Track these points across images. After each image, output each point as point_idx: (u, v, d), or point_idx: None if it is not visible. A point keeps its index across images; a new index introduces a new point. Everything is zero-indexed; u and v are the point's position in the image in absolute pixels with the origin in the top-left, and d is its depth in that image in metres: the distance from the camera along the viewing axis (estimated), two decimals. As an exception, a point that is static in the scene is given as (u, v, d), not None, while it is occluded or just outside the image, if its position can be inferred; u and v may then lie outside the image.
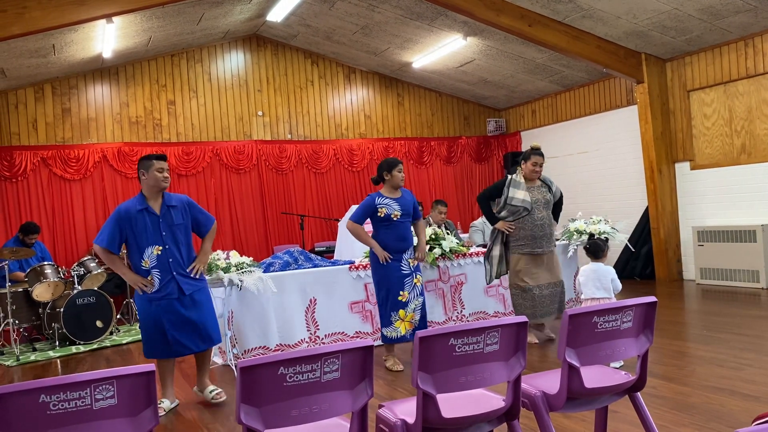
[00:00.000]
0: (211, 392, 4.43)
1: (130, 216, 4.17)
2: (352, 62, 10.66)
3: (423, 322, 5.08)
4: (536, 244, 5.38)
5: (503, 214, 5.46)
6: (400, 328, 4.96)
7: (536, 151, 5.43)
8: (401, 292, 4.93)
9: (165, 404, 4.31)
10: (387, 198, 4.93)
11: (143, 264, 4.18)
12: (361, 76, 10.92)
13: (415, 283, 5.01)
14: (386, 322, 4.98)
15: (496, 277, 5.63)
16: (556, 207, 5.64)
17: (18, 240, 7.49)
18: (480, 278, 6.37)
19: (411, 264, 5.01)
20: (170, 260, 4.21)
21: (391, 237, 4.91)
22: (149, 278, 4.18)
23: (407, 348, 5.63)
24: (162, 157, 4.30)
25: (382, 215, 4.88)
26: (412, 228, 5.19)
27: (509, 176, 5.51)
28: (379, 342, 5.82)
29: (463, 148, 11.56)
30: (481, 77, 10.43)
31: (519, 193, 5.35)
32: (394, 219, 4.89)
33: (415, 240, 5.25)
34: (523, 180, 5.42)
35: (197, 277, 4.32)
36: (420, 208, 5.34)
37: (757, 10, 7.02)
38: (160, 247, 4.19)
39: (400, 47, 9.58)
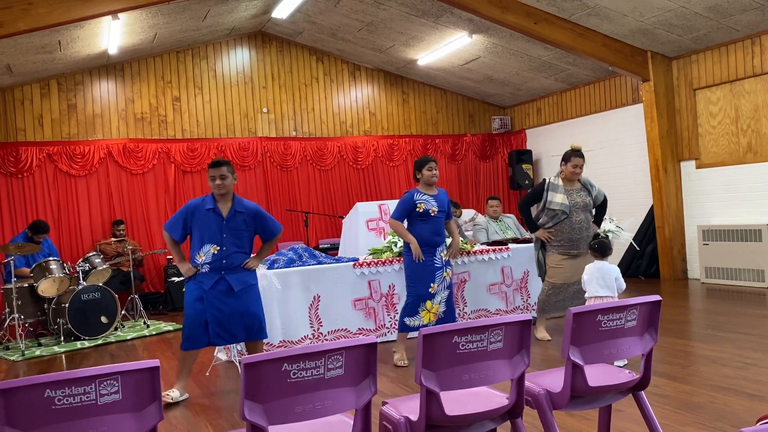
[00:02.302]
0: None
1: (197, 212, 4.42)
2: (357, 59, 10.66)
3: (452, 315, 5.20)
4: (573, 246, 5.36)
5: (542, 219, 5.45)
6: (424, 318, 5.07)
7: (577, 152, 5.36)
8: (431, 284, 5.07)
9: (175, 394, 4.37)
10: (425, 194, 5.10)
11: (198, 257, 4.42)
12: (366, 73, 10.92)
13: (445, 277, 5.17)
14: (412, 312, 5.07)
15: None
16: (600, 209, 5.56)
17: (26, 237, 7.52)
18: (483, 276, 6.37)
19: (443, 258, 5.16)
20: (224, 261, 4.40)
21: (427, 231, 5.07)
22: (198, 269, 4.41)
23: (414, 345, 5.63)
24: (215, 164, 4.43)
25: (421, 210, 5.03)
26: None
27: (547, 180, 5.48)
28: (383, 339, 5.84)
29: (467, 145, 11.54)
30: (486, 75, 10.41)
31: (557, 197, 5.33)
32: (432, 214, 5.06)
33: (449, 240, 5.39)
34: (561, 183, 5.39)
35: (248, 269, 4.50)
36: (454, 209, 5.42)
37: (764, 8, 6.98)
38: (218, 247, 4.39)
39: (405, 44, 9.57)
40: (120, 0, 5.99)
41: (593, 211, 5.52)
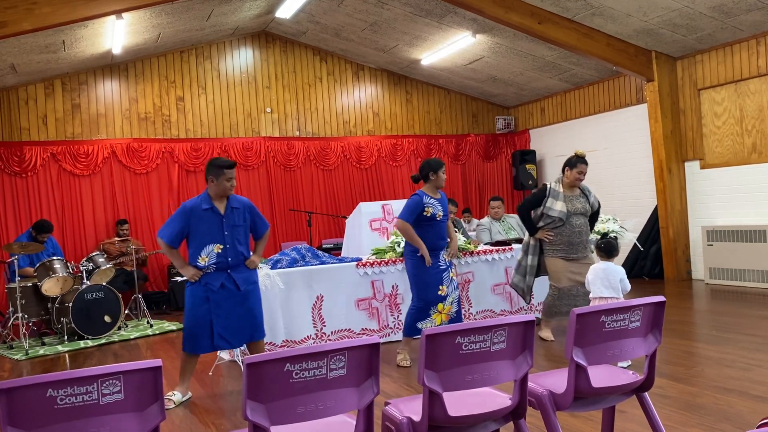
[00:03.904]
0: None
1: (195, 213, 4.35)
2: (360, 59, 10.65)
3: (459, 315, 5.22)
4: (572, 250, 5.38)
5: (540, 224, 5.47)
6: (436, 320, 5.09)
7: (582, 159, 5.39)
8: (440, 287, 5.08)
9: (176, 397, 4.38)
10: (431, 198, 5.09)
11: (200, 260, 4.34)
12: (369, 73, 10.91)
13: (452, 277, 5.19)
14: (423, 315, 5.08)
15: (528, 292, 5.68)
16: (592, 218, 5.59)
17: (30, 236, 7.53)
18: (487, 276, 6.36)
19: (446, 259, 5.18)
20: (229, 259, 4.37)
21: (433, 235, 5.07)
22: (205, 271, 4.35)
23: (414, 346, 5.62)
24: (232, 166, 4.44)
25: (428, 215, 5.02)
26: None
27: (548, 185, 5.48)
28: (386, 339, 5.83)
29: (471, 146, 11.53)
30: (489, 75, 10.39)
31: (557, 204, 5.34)
32: (438, 219, 5.06)
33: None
34: (562, 190, 5.39)
35: (250, 268, 4.50)
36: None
37: (769, 8, 6.96)
38: (221, 246, 4.35)
39: (409, 44, 9.56)
40: (124, 0, 6.00)
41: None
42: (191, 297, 4.37)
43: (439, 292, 5.07)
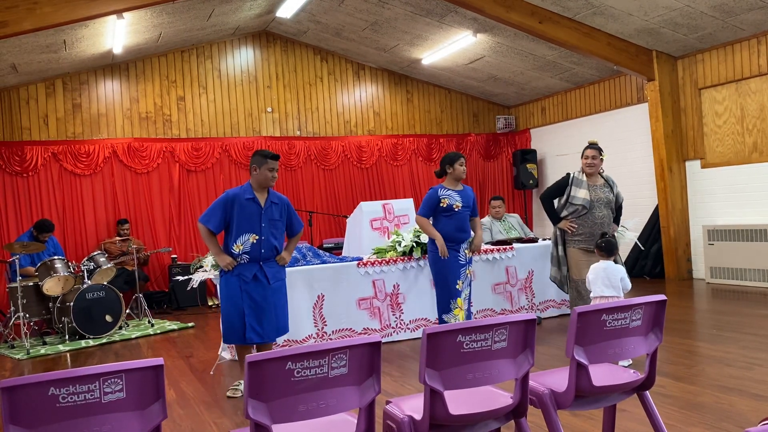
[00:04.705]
0: None
1: (237, 202, 4.43)
2: (361, 59, 10.65)
3: (469, 313, 5.25)
4: (592, 241, 5.30)
5: (563, 213, 5.42)
6: (459, 316, 5.11)
7: (590, 145, 5.39)
8: (458, 281, 5.12)
9: (242, 386, 4.38)
10: (449, 190, 5.16)
11: (235, 248, 4.41)
12: (370, 72, 10.91)
13: (468, 274, 5.22)
14: (446, 308, 5.13)
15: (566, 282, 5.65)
16: (616, 212, 5.50)
17: (32, 236, 7.54)
18: (487, 276, 6.37)
19: (467, 255, 5.21)
20: (262, 250, 4.45)
21: (451, 227, 5.12)
22: (238, 261, 4.43)
23: (416, 345, 5.63)
24: (276, 157, 4.51)
25: (445, 205, 5.09)
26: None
27: (571, 174, 5.46)
28: (388, 339, 5.83)
29: (472, 145, 11.53)
30: (490, 74, 10.39)
31: (581, 192, 5.29)
32: (456, 210, 5.10)
33: (471, 234, 5.43)
34: (585, 178, 5.36)
35: (280, 264, 4.58)
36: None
37: (770, 7, 6.96)
38: (257, 236, 4.43)
39: (410, 44, 9.56)
40: (125, 0, 6.00)
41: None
42: (226, 288, 4.46)
43: (457, 287, 5.11)
